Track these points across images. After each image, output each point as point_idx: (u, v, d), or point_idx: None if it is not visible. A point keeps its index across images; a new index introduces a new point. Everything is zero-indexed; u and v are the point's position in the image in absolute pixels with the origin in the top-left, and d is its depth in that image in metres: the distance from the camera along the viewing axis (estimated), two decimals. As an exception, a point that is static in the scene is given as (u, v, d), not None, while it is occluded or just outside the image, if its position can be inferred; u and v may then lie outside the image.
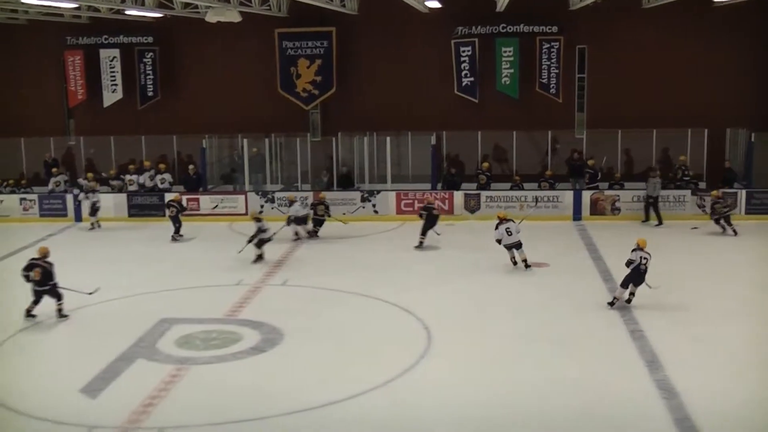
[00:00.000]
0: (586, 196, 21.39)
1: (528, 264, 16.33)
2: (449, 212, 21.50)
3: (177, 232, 20.02)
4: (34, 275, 13.55)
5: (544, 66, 23.20)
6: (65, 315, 13.77)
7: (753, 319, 13.32)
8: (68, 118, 26.35)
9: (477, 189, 22.00)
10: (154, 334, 12.89)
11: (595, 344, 12.24)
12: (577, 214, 21.31)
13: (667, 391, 10.31)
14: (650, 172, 20.85)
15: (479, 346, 12.18)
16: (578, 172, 22.25)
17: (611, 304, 13.70)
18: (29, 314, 13.71)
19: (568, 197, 21.47)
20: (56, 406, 10.40)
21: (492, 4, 21.70)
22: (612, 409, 9.96)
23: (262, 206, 21.94)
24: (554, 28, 23.12)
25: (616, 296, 13.73)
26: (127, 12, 21.37)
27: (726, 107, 22.45)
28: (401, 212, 21.62)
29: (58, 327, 13.55)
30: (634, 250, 13.54)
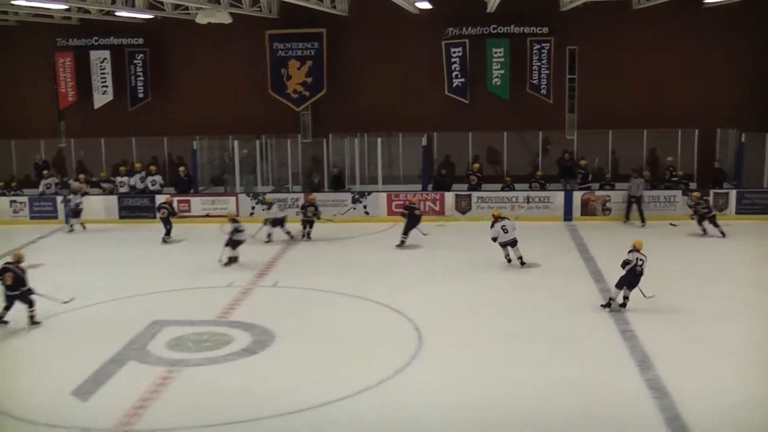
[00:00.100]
0: (577, 196, 21.43)
1: (523, 261, 16.39)
2: (440, 213, 21.53)
3: (167, 234, 20.00)
4: (6, 280, 13.37)
5: (534, 67, 23.24)
6: (37, 322, 13.54)
7: (752, 319, 13.33)
8: (59, 120, 26.25)
9: (468, 190, 22.00)
10: (145, 336, 12.86)
11: (591, 344, 12.24)
12: (568, 215, 21.34)
13: (659, 391, 10.33)
14: (632, 173, 20.93)
15: (472, 347, 12.18)
16: (569, 173, 22.28)
17: (607, 305, 13.67)
18: (0, 320, 13.55)
19: (559, 198, 21.50)
20: (48, 408, 10.36)
21: (482, 5, 21.70)
22: (609, 409, 9.97)
23: (253, 208, 21.94)
24: (545, 29, 23.17)
25: (612, 297, 13.71)
26: (117, 13, 21.32)
27: (716, 108, 22.50)
28: (392, 213, 21.53)
29: (49, 330, 13.46)
30: (630, 251, 13.51)
